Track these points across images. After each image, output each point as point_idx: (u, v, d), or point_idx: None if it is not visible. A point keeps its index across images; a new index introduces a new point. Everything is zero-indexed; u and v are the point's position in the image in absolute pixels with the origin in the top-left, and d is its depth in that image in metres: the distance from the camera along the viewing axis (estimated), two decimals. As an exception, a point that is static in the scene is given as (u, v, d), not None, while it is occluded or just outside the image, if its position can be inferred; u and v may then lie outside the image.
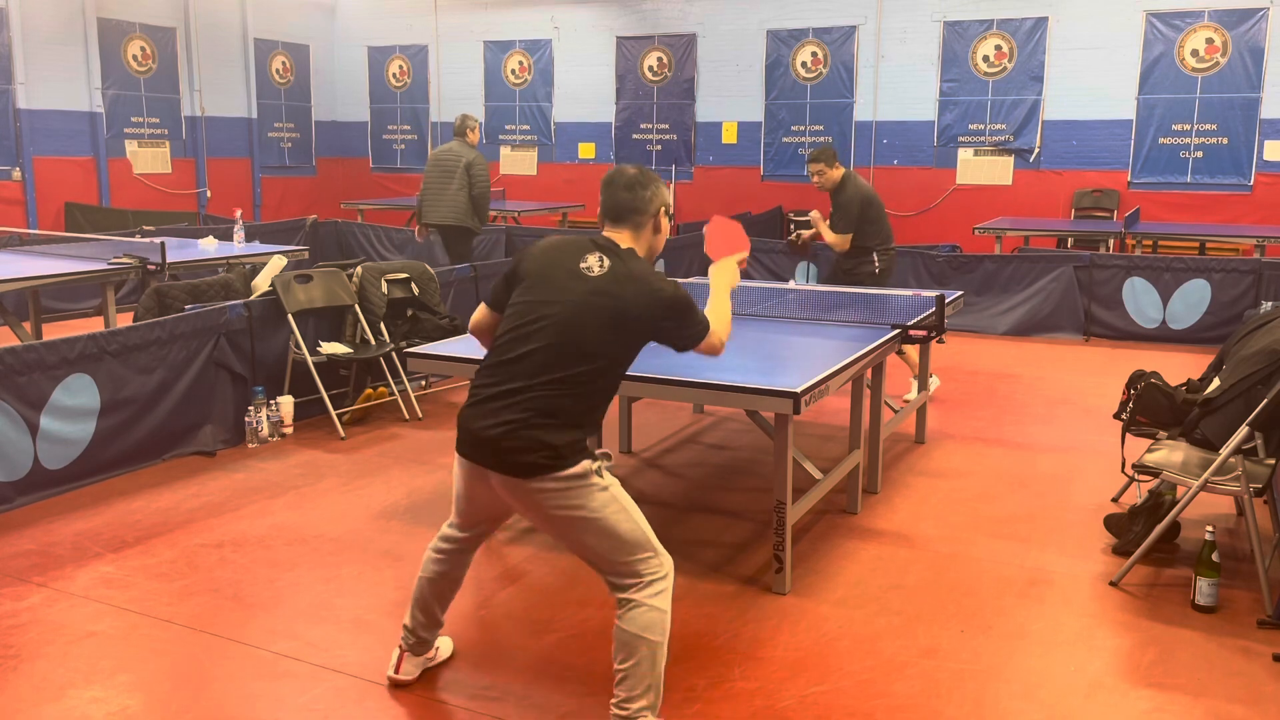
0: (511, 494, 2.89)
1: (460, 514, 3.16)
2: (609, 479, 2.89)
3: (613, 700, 2.88)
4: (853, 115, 13.11)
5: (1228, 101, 11.37)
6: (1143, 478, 4.35)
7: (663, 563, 2.91)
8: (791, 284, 9.29)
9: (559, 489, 2.81)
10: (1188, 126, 11.58)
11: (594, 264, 2.92)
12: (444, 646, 3.51)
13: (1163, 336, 8.93)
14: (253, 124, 14.93)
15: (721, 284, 3.27)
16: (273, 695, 3.26)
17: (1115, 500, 5.01)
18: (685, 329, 3.01)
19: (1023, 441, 6.06)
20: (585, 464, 2.83)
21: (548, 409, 2.81)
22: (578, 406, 2.86)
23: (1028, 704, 3.24)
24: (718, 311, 3.19)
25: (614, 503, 2.86)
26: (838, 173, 6.62)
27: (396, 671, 3.31)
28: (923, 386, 6.23)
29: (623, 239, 3.02)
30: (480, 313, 3.18)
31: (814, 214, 6.88)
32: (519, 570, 4.22)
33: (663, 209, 3.08)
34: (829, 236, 6.71)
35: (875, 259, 6.68)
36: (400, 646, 3.33)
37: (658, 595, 2.86)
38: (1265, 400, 3.78)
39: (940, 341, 5.50)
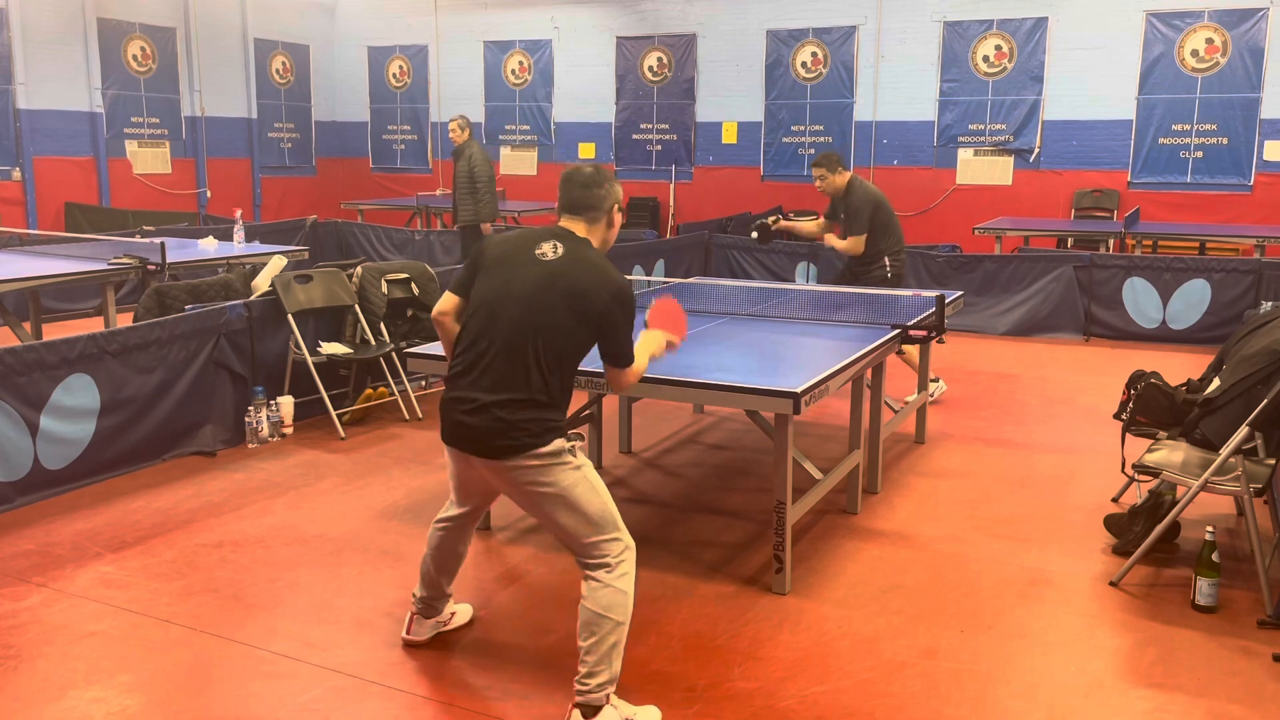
0: (493, 474, 3.08)
1: (454, 493, 3.39)
2: (581, 459, 3.08)
3: (576, 677, 3.00)
4: (853, 115, 13.11)
5: (1228, 101, 11.37)
6: (1143, 478, 4.35)
7: (626, 546, 3.06)
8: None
9: (535, 466, 2.99)
10: (1188, 126, 11.58)
11: (549, 250, 3.08)
12: (461, 613, 3.70)
13: (1163, 336, 8.93)
14: (253, 124, 14.93)
15: (646, 346, 3.32)
16: (273, 695, 3.26)
17: (1115, 500, 5.01)
18: (624, 335, 3.10)
19: (1023, 442, 6.06)
20: (559, 443, 3.01)
21: (519, 391, 2.98)
22: (547, 386, 3.00)
23: (1028, 704, 3.24)
24: (646, 367, 3.29)
25: (584, 482, 3.04)
26: (842, 178, 6.58)
27: (408, 632, 3.55)
28: (923, 386, 6.23)
29: (578, 229, 3.16)
30: (444, 299, 3.32)
31: (830, 238, 6.75)
32: (519, 570, 4.22)
33: (615, 206, 3.22)
34: (840, 244, 6.65)
35: (887, 263, 6.63)
36: (412, 609, 3.56)
37: (621, 578, 3.03)
38: (1265, 400, 3.78)
39: (940, 341, 5.50)
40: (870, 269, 6.64)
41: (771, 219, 7.05)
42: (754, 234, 7.02)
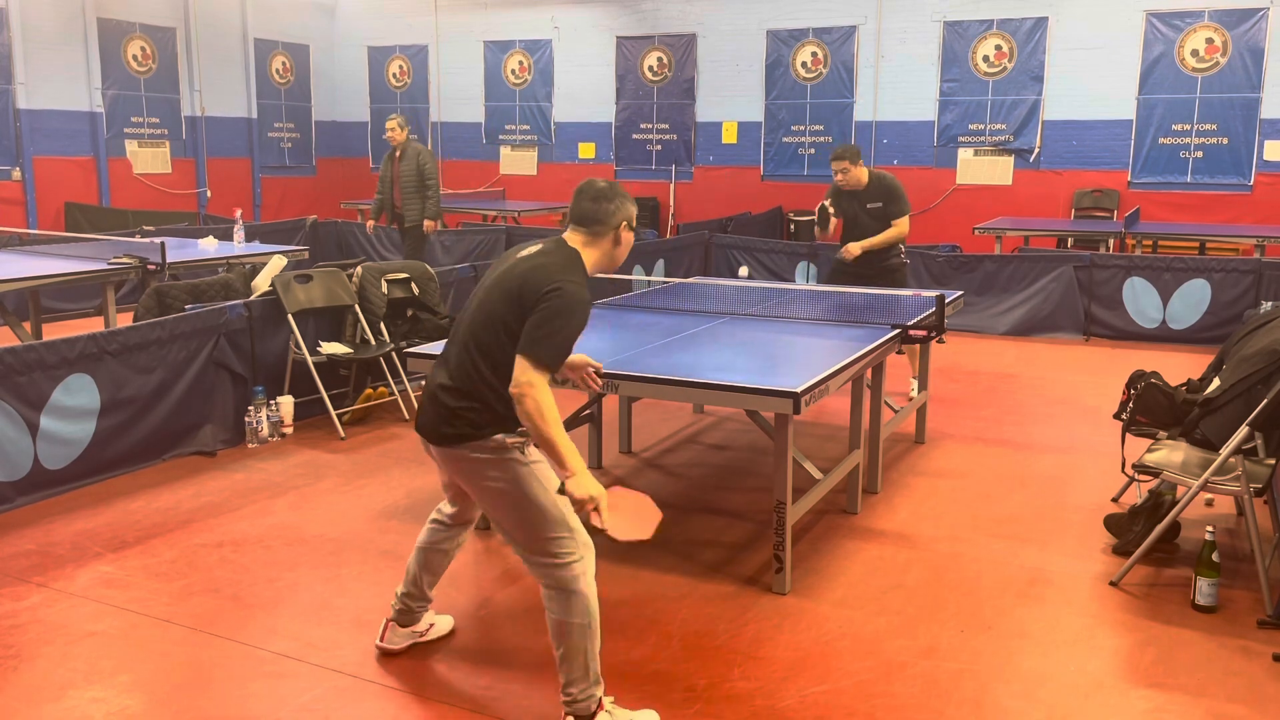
0: (446, 463, 3.09)
1: (444, 489, 3.39)
2: (533, 455, 3.01)
3: (560, 688, 2.99)
4: (853, 115, 13.11)
5: (1228, 101, 11.37)
6: (1143, 478, 4.35)
7: (579, 543, 2.99)
8: (744, 272, 9.23)
9: (481, 459, 2.98)
10: (1188, 126, 11.58)
11: (528, 250, 3.08)
12: (440, 624, 3.64)
13: (1163, 336, 8.92)
14: (253, 124, 14.93)
15: (578, 476, 2.81)
16: (273, 695, 3.26)
17: (1115, 500, 5.01)
18: (544, 329, 2.82)
19: (1023, 441, 6.06)
20: (500, 437, 2.96)
21: (465, 382, 2.98)
22: (491, 379, 2.95)
23: (1028, 704, 3.24)
24: (557, 436, 2.78)
25: (533, 479, 2.97)
26: (863, 171, 6.61)
27: (382, 639, 3.51)
28: (923, 386, 6.23)
29: (575, 240, 3.10)
30: None
31: (851, 247, 6.58)
32: (519, 570, 4.21)
33: (624, 223, 3.12)
34: (885, 235, 6.53)
35: (901, 249, 6.72)
36: (387, 615, 3.52)
37: (576, 579, 2.95)
38: (1265, 400, 3.78)
39: (940, 341, 5.50)
40: (889, 255, 6.67)
41: (842, 255, 6.64)
42: (817, 220, 6.70)
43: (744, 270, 9.53)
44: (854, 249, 6.57)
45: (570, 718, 2.97)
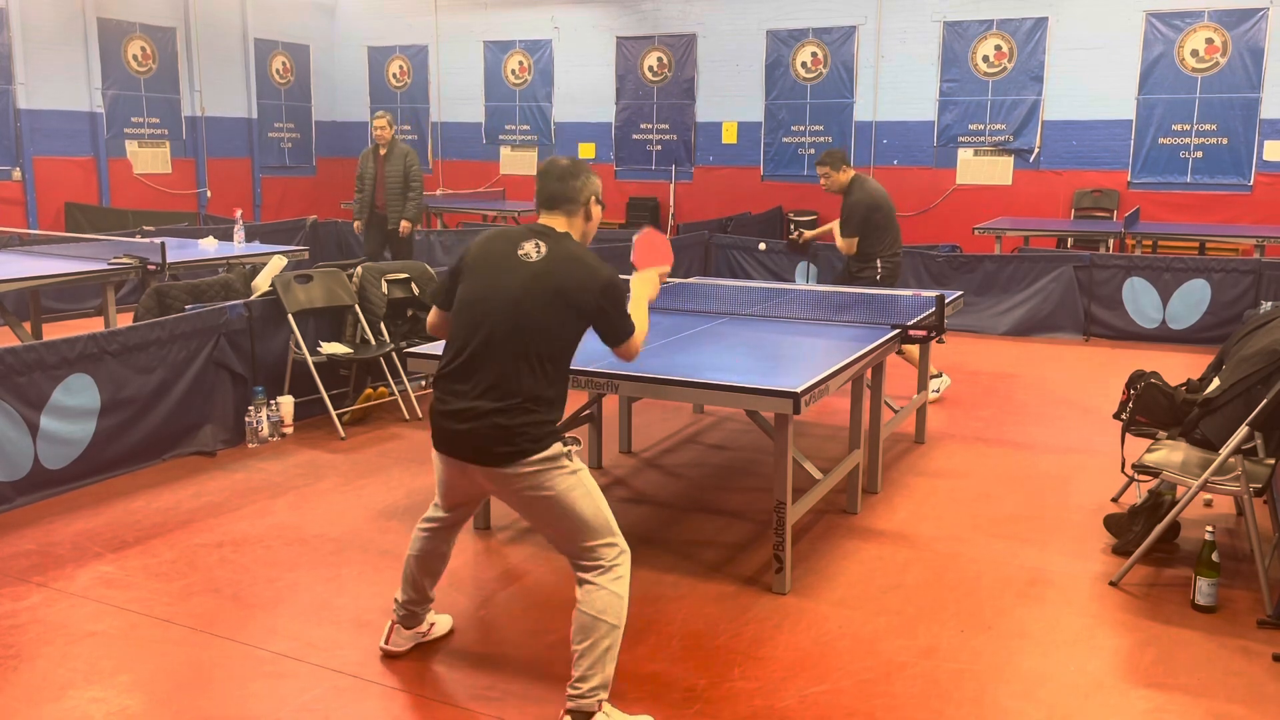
0: (490, 481, 3.06)
1: (442, 498, 3.33)
2: (577, 463, 3.04)
3: (569, 682, 2.98)
4: (853, 115, 13.11)
5: (1227, 101, 11.37)
6: (1143, 478, 4.35)
7: (621, 550, 3.04)
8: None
9: (532, 472, 2.97)
10: (1188, 126, 11.58)
11: (531, 250, 3.06)
12: (440, 624, 3.63)
13: (1163, 336, 8.92)
14: (253, 124, 14.93)
15: (641, 293, 3.35)
16: (273, 695, 3.26)
17: (1115, 500, 5.01)
18: (619, 319, 3.12)
19: (1023, 441, 6.06)
20: (557, 446, 3.00)
21: (516, 396, 2.95)
22: (541, 389, 2.98)
23: (1028, 704, 3.24)
24: (637, 317, 3.25)
25: (580, 486, 3.02)
26: (846, 176, 6.60)
27: (387, 642, 3.50)
28: (922, 386, 6.22)
29: (557, 224, 3.14)
30: (433, 314, 3.29)
31: (831, 225, 6.94)
32: (519, 570, 4.22)
33: (593, 198, 3.19)
34: (839, 242, 6.74)
35: (878, 265, 6.64)
36: (392, 618, 3.51)
37: (616, 580, 2.99)
38: (1265, 400, 3.78)
39: (940, 341, 5.50)
40: (862, 269, 6.67)
41: (794, 235, 7.38)
42: (787, 243, 7.56)
43: (762, 245, 9.77)
44: (807, 234, 7.34)
45: (570, 714, 2.96)
